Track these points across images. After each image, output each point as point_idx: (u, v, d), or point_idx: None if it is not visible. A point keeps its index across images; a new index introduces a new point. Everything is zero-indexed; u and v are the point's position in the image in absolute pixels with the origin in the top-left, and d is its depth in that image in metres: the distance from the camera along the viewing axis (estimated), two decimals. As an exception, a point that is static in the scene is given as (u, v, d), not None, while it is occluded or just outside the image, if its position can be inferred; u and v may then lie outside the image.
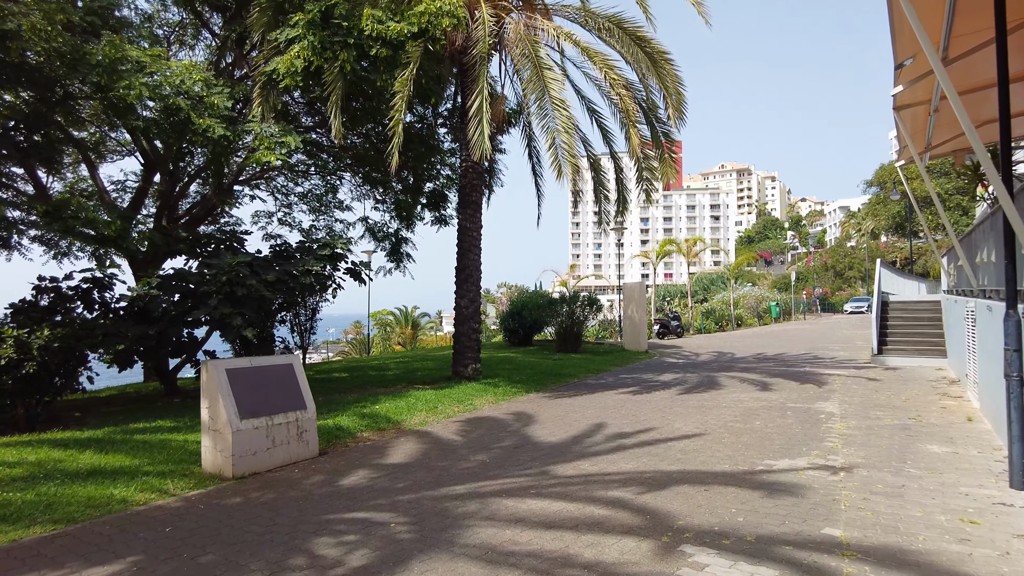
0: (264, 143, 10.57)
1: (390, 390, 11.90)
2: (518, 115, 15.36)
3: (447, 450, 7.33)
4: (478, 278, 13.22)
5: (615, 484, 5.69)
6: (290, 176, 19.22)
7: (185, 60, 10.73)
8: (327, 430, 8.16)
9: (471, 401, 10.51)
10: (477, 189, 13.12)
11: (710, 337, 28.90)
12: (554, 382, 13.12)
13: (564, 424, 8.68)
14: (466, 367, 12.91)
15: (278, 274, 10.62)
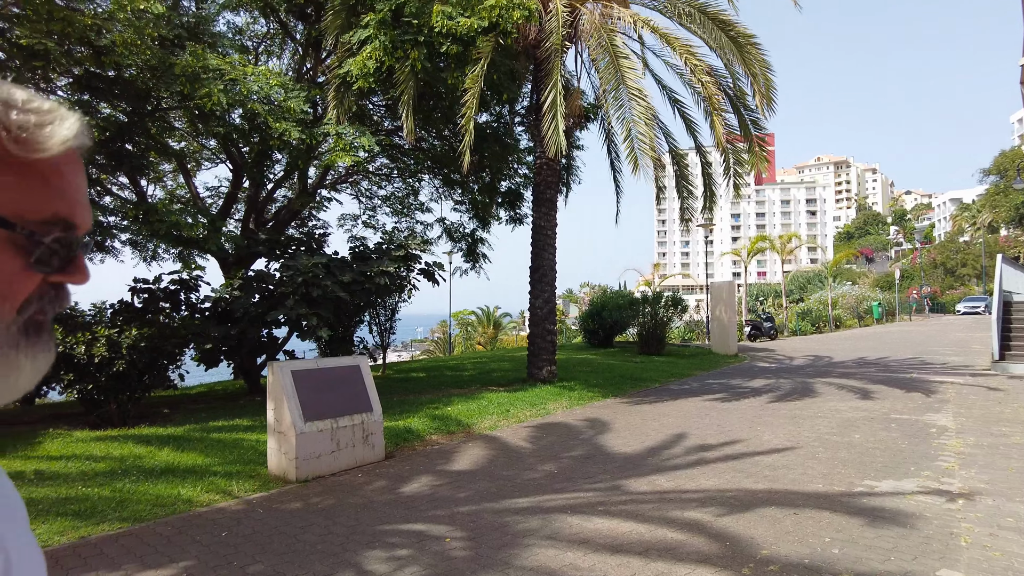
0: (339, 145, 10.66)
1: (464, 391, 11.74)
2: (596, 110, 14.87)
3: (514, 458, 7.01)
4: (553, 278, 12.86)
5: (693, 503, 5.18)
6: (374, 180, 19.56)
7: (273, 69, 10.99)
8: (397, 432, 8.05)
9: (544, 405, 10.16)
10: (552, 187, 12.76)
11: (806, 339, 27.20)
12: (633, 387, 12.56)
13: (641, 433, 8.17)
14: (541, 369, 12.57)
15: (354, 275, 10.67)
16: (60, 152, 0.63)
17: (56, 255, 0.63)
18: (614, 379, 13.22)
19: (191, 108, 9.84)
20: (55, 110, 0.64)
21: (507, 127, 15.07)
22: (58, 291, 0.65)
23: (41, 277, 0.63)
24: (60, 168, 0.64)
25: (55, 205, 0.63)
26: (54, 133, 0.62)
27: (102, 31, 9.19)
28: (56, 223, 0.63)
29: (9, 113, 0.60)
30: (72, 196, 0.65)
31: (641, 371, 14.64)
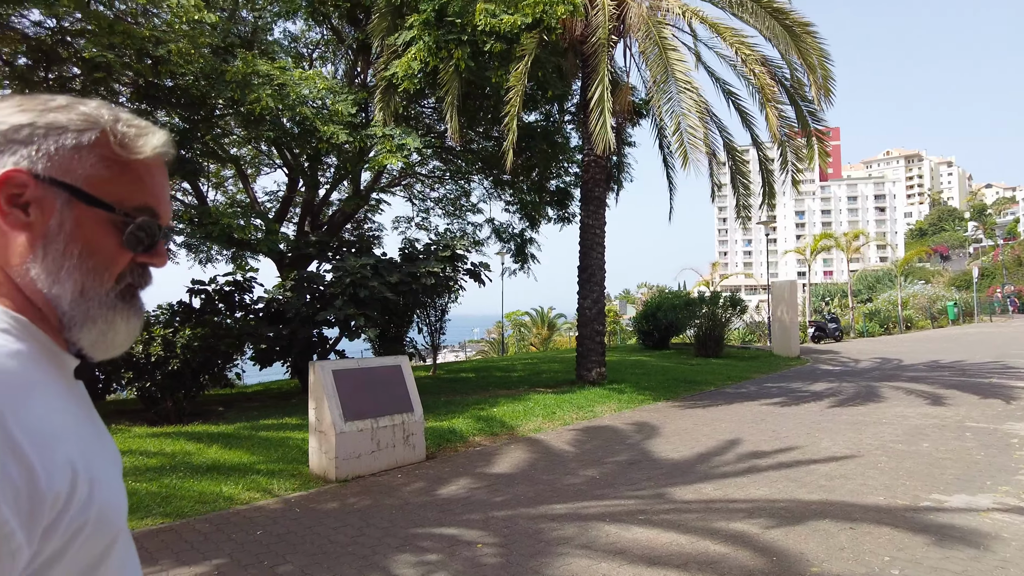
0: (386, 146, 10.73)
1: (512, 392, 11.63)
2: (647, 105, 14.53)
3: (556, 462, 6.84)
4: (602, 277, 12.60)
5: (740, 514, 4.90)
6: (426, 182, 19.72)
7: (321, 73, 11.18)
8: (440, 432, 8.00)
9: (591, 408, 9.93)
10: (600, 185, 12.50)
11: (873, 341, 25.91)
12: (687, 390, 12.17)
13: (690, 439, 7.86)
14: (590, 371, 12.33)
15: (401, 276, 10.72)
16: (151, 156, 0.81)
17: (142, 238, 0.79)
18: (667, 382, 12.85)
19: (243, 113, 10.09)
20: (149, 126, 0.83)
21: (557, 125, 14.90)
22: (143, 270, 0.82)
23: (131, 255, 0.79)
24: (151, 169, 0.82)
25: (145, 197, 0.80)
26: (149, 142, 0.81)
27: (159, 42, 9.51)
28: (144, 211, 0.80)
29: (117, 125, 0.79)
30: (157, 193, 0.82)
31: (696, 374, 14.20)
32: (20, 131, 0.74)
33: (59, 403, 0.73)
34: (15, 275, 0.75)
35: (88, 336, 0.78)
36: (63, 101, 0.78)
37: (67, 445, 0.70)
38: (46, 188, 0.74)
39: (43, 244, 0.74)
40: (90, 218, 0.76)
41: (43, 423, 0.68)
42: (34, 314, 0.76)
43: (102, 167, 0.77)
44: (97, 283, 0.77)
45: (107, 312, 0.78)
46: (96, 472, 0.73)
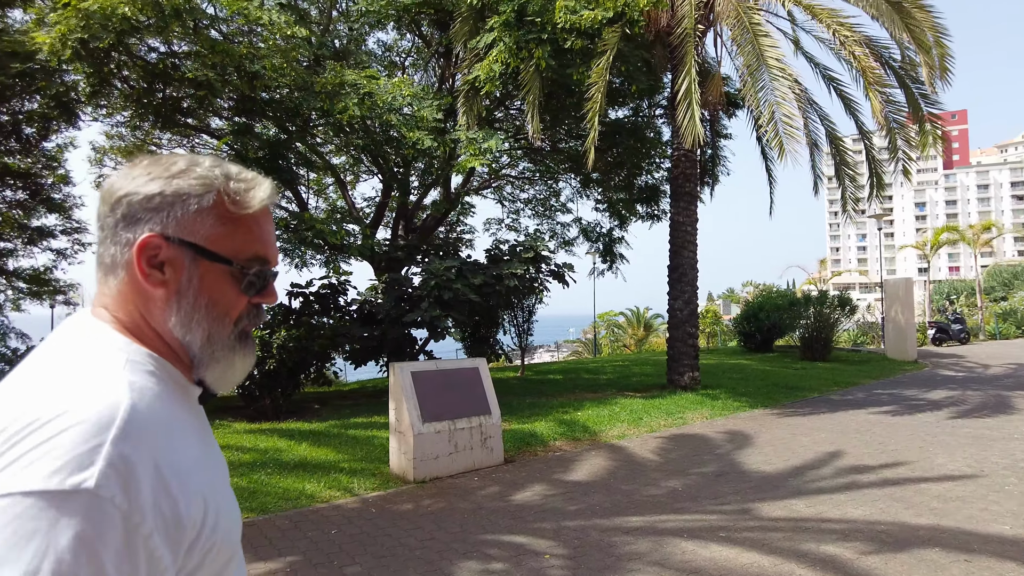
0: (469, 149, 10.81)
1: (598, 395, 11.39)
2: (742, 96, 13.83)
3: (637, 471, 6.58)
4: (694, 277, 12.10)
5: (833, 536, 4.48)
6: (516, 184, 19.78)
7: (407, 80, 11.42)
8: (521, 435, 7.93)
9: (681, 414, 9.53)
10: (691, 180, 12.00)
11: (1006, 344, 23.41)
12: (787, 397, 11.44)
13: (786, 450, 7.35)
14: (682, 375, 11.87)
15: (485, 277, 10.76)
16: (259, 209, 0.89)
17: (256, 283, 0.89)
18: (765, 387, 12.15)
19: (332, 123, 10.47)
20: (255, 177, 0.90)
21: (647, 120, 14.48)
22: (257, 310, 0.91)
23: (247, 299, 0.89)
24: (259, 220, 0.90)
25: (256, 247, 0.89)
26: (256, 195, 0.88)
27: (255, 58, 10.04)
28: (257, 260, 0.89)
29: (229, 184, 0.87)
30: (266, 240, 0.90)
31: (799, 379, 13.34)
32: (152, 200, 0.84)
33: (191, 437, 0.83)
34: (155, 325, 0.85)
35: (212, 374, 0.89)
36: (183, 165, 0.87)
37: (198, 477, 0.79)
38: (176, 249, 0.84)
39: (177, 298, 0.85)
40: (212, 272, 0.86)
41: (181, 459, 0.77)
42: (170, 355, 0.86)
43: (219, 225, 0.86)
44: (220, 329, 0.87)
45: (228, 353, 0.88)
46: (219, 499, 0.83)
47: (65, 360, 0.79)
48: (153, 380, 0.80)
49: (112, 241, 0.85)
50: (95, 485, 0.66)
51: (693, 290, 12.09)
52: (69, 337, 0.83)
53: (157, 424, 0.76)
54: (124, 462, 0.69)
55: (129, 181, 0.86)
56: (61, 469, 0.66)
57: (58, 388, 0.73)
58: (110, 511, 0.67)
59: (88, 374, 0.76)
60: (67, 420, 0.69)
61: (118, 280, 0.86)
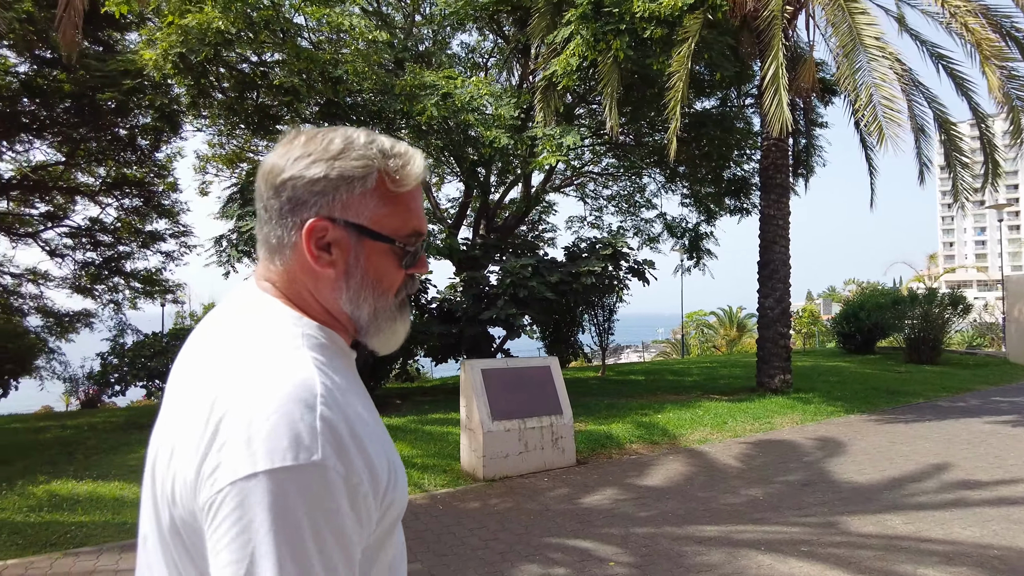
0: (546, 146, 10.70)
1: (681, 398, 11.00)
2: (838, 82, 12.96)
3: (717, 477, 6.26)
4: (786, 274, 11.44)
5: (933, 557, 4.05)
6: (600, 180, 19.48)
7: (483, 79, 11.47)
8: (596, 437, 7.75)
9: (769, 419, 9.02)
10: (782, 170, 11.35)
11: None
12: (887, 402, 10.60)
13: (883, 459, 6.77)
14: (772, 378, 11.25)
15: (561, 275, 10.62)
16: (414, 185, 0.91)
17: (413, 256, 0.92)
18: (864, 392, 11.32)
19: (412, 124, 10.65)
20: (408, 151, 0.91)
21: (735, 110, 13.83)
22: (412, 279, 0.94)
23: (404, 272, 0.92)
24: (414, 195, 0.92)
25: (413, 222, 0.91)
26: (412, 172, 0.90)
27: (338, 64, 10.36)
28: (414, 235, 0.91)
29: (388, 163, 0.88)
30: (420, 213, 0.93)
31: (902, 383, 12.35)
32: (317, 184, 0.86)
33: (363, 399, 0.88)
34: (324, 301, 0.89)
35: (378, 341, 0.94)
36: (340, 143, 0.88)
37: (379, 437, 0.84)
38: (342, 230, 0.87)
39: (345, 278, 0.88)
40: (377, 250, 0.89)
41: (363, 421, 0.82)
42: (336, 326, 0.91)
43: (382, 205, 0.88)
44: (384, 302, 0.91)
45: (391, 323, 0.93)
46: (393, 456, 0.87)
47: (250, 339, 0.84)
48: (327, 352, 0.86)
49: (278, 223, 0.89)
50: (321, 457, 0.73)
51: (785, 288, 11.44)
52: (243, 313, 0.89)
53: (342, 393, 0.80)
54: (332, 432, 0.75)
55: (291, 163, 0.88)
56: (289, 447, 0.72)
57: (255, 371, 0.79)
58: (334, 477, 0.73)
59: (276, 354, 0.81)
60: (276, 402, 0.74)
61: (285, 260, 0.89)
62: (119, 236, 16.85)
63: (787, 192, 11.46)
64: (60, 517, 5.11)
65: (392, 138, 0.92)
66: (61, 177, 15.53)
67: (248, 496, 0.70)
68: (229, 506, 0.71)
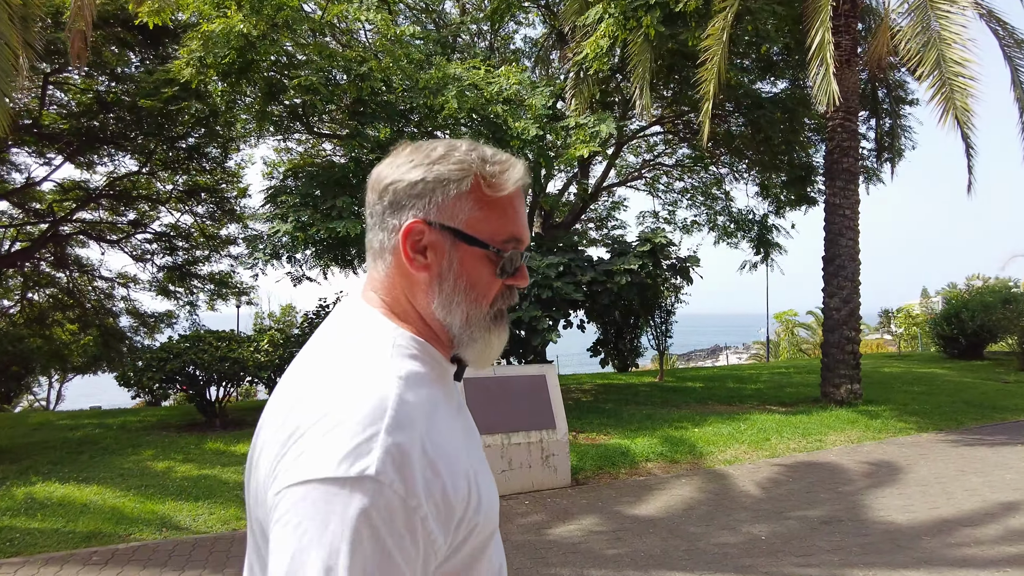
0: (579, 136, 10.01)
1: (732, 409, 9.96)
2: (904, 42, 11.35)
3: (723, 508, 5.38)
4: (854, 270, 10.11)
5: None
6: (673, 174, 18.37)
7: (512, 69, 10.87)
8: (610, 453, 7.01)
9: (820, 436, 7.89)
10: (849, 153, 10.02)
11: None
12: (976, 418, 9.07)
13: (940, 493, 5.62)
14: (837, 388, 9.97)
15: (595, 274, 9.87)
16: (514, 190, 0.90)
17: (511, 265, 0.90)
18: (951, 405, 9.79)
19: (437, 119, 10.25)
20: (509, 159, 0.92)
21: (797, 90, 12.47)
22: (510, 291, 0.92)
23: (501, 282, 0.90)
24: (513, 201, 0.91)
25: (511, 228, 0.90)
26: (511, 177, 0.90)
27: (363, 61, 10.13)
28: (511, 241, 0.89)
29: (485, 167, 0.89)
30: (519, 221, 0.91)
31: (1004, 396, 10.63)
32: (415, 187, 0.87)
33: (453, 419, 0.86)
34: (419, 307, 0.89)
35: (471, 353, 0.90)
36: (442, 151, 0.89)
37: (462, 457, 0.82)
38: (438, 233, 0.87)
39: (439, 281, 0.87)
40: (471, 255, 0.87)
41: (446, 441, 0.80)
42: (431, 336, 0.89)
43: (477, 209, 0.87)
44: (478, 310, 0.88)
45: (485, 333, 0.89)
46: (481, 478, 0.85)
47: (341, 350, 0.84)
48: (417, 364, 0.83)
49: (380, 227, 0.89)
50: (376, 472, 0.70)
51: (853, 286, 10.11)
52: (343, 323, 0.89)
53: (422, 410, 0.78)
54: (398, 449, 0.72)
55: (393, 169, 0.89)
56: (346, 458, 0.71)
57: (336, 381, 0.79)
58: (390, 495, 0.70)
59: (360, 366, 0.80)
60: (346, 413, 0.74)
61: (386, 264, 0.89)
62: (194, 241, 17.61)
63: (855, 178, 10.12)
64: (15, 522, 5.05)
65: (498, 149, 0.93)
66: (142, 186, 16.45)
67: (298, 502, 0.70)
68: (281, 510, 0.71)
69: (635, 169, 19.62)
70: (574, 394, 11.88)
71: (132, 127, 13.29)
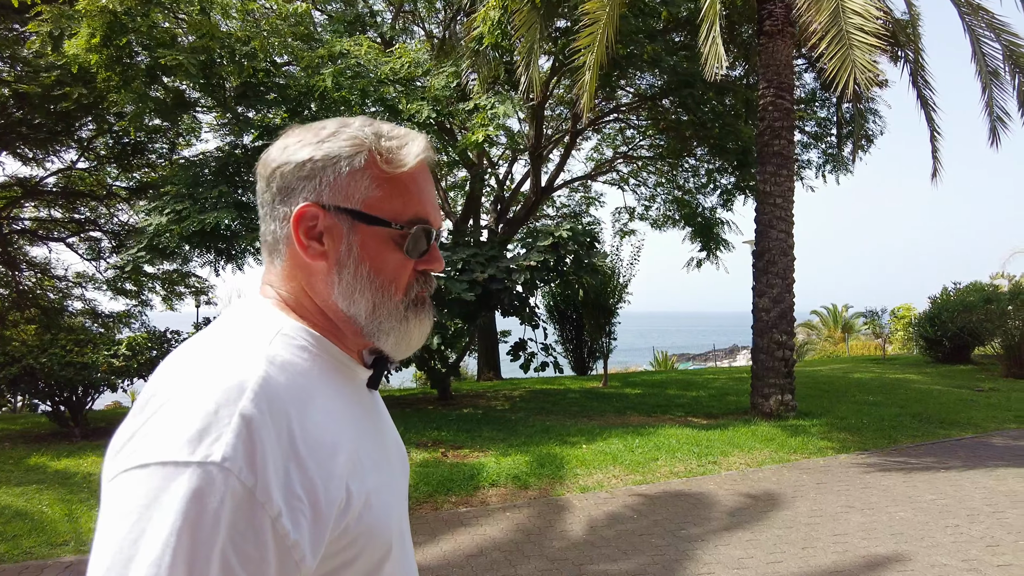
0: (479, 120, 9.05)
1: (648, 420, 8.94)
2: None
3: (517, 553, 4.39)
4: (787, 266, 9.01)
5: None
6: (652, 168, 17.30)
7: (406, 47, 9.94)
8: (456, 475, 6.09)
9: (718, 458, 6.83)
10: (783, 135, 8.92)
11: None
12: (917, 436, 7.91)
13: (805, 537, 4.57)
14: (766, 399, 8.87)
15: (496, 270, 8.90)
16: (415, 166, 0.83)
17: (419, 246, 0.83)
18: (895, 420, 8.63)
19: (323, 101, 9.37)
20: (409, 133, 0.85)
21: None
22: (425, 277, 0.85)
23: (413, 265, 0.83)
24: (415, 178, 0.84)
25: (415, 208, 0.83)
26: (410, 151, 0.83)
27: (248, 42, 9.29)
28: (417, 221, 0.82)
29: (380, 142, 0.82)
30: (425, 199, 0.84)
31: (965, 408, 9.41)
32: (304, 167, 0.80)
33: (341, 417, 0.76)
34: (319, 300, 0.81)
35: (387, 345, 0.83)
36: (332, 127, 0.83)
37: (343, 459, 0.72)
38: (333, 217, 0.80)
39: (338, 269, 0.80)
40: (372, 237, 0.80)
41: (323, 437, 0.71)
42: (332, 332, 0.81)
43: (375, 188, 0.80)
44: (387, 299, 0.81)
45: (399, 324, 0.82)
46: (372, 485, 0.76)
47: (218, 337, 0.76)
48: (304, 355, 0.76)
49: (271, 217, 0.83)
50: (220, 458, 0.62)
51: (785, 283, 9.01)
52: (232, 316, 0.81)
53: (296, 398, 0.70)
54: (252, 435, 0.64)
55: (281, 152, 0.83)
56: (192, 440, 0.63)
57: (200, 363, 0.71)
58: (235, 485, 0.62)
59: (231, 349, 0.73)
60: (200, 391, 0.66)
61: (281, 257, 0.83)
62: (141, 239, 17.03)
63: (788, 163, 9.01)
64: None
65: (396, 125, 0.86)
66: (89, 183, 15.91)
67: (132, 487, 0.62)
68: (111, 496, 0.63)
69: (607, 161, 18.62)
70: (493, 401, 10.92)
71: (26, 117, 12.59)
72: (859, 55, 5.56)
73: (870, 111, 12.56)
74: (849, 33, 5.60)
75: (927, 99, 10.72)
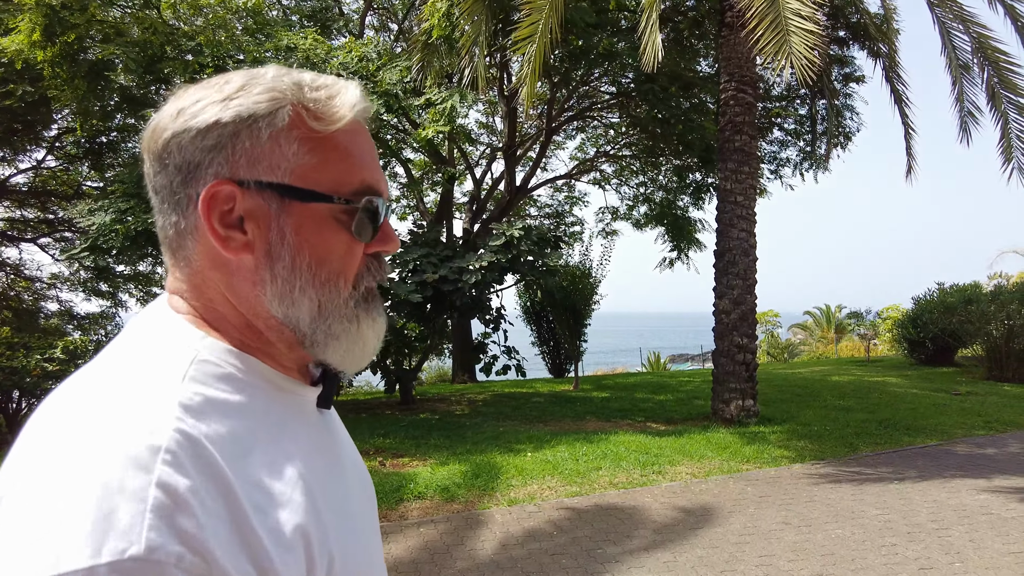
0: (429, 115, 8.77)
1: (605, 425, 8.64)
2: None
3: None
4: (748, 266, 8.70)
5: None
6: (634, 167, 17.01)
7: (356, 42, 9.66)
8: (398, 482, 5.76)
9: (664, 467, 6.52)
10: (744, 130, 8.60)
11: None
12: (881, 443, 7.57)
13: (728, 560, 4.26)
14: (727, 404, 8.56)
15: (449, 271, 8.60)
16: (351, 120, 0.64)
17: (369, 223, 0.65)
18: (859, 426, 8.31)
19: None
20: (338, 81, 0.66)
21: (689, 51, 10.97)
22: (377, 262, 0.68)
23: (363, 248, 0.66)
24: (356, 137, 0.65)
25: (360, 173, 0.65)
26: (344, 101, 0.64)
27: (195, 37, 9.03)
28: (364, 191, 0.65)
29: (304, 93, 0.63)
30: (370, 163, 0.67)
31: (938, 413, 9.07)
32: (209, 134, 0.60)
33: (289, 460, 0.60)
34: (244, 307, 0.64)
35: (335, 354, 0.65)
36: (240, 80, 0.63)
37: (296, 508, 0.58)
38: (255, 196, 0.61)
39: (268, 263, 0.62)
40: (310, 217, 0.63)
41: (269, 487, 0.57)
42: (263, 347, 0.64)
43: (306, 152, 0.62)
44: (334, 294, 0.64)
45: (350, 325, 0.65)
46: (335, 540, 0.62)
47: (112, 377, 0.56)
48: (231, 387, 0.59)
49: (170, 206, 0.63)
50: (145, 549, 0.46)
51: (746, 284, 8.70)
52: (130, 340, 0.62)
53: (229, 453, 0.54)
54: (182, 510, 0.49)
55: (175, 118, 0.61)
56: (91, 536, 0.45)
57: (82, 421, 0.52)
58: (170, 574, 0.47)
59: (131, 395, 0.54)
60: (88, 466, 0.48)
61: (188, 255, 0.63)
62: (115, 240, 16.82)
63: (750, 159, 8.70)
64: None
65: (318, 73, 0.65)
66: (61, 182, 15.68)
67: None
68: None
69: (588, 160, 18.32)
70: (454, 406, 10.62)
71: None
72: (796, 41, 5.24)
73: (847, 107, 12.25)
74: (786, 19, 5.29)
75: (901, 94, 10.41)
